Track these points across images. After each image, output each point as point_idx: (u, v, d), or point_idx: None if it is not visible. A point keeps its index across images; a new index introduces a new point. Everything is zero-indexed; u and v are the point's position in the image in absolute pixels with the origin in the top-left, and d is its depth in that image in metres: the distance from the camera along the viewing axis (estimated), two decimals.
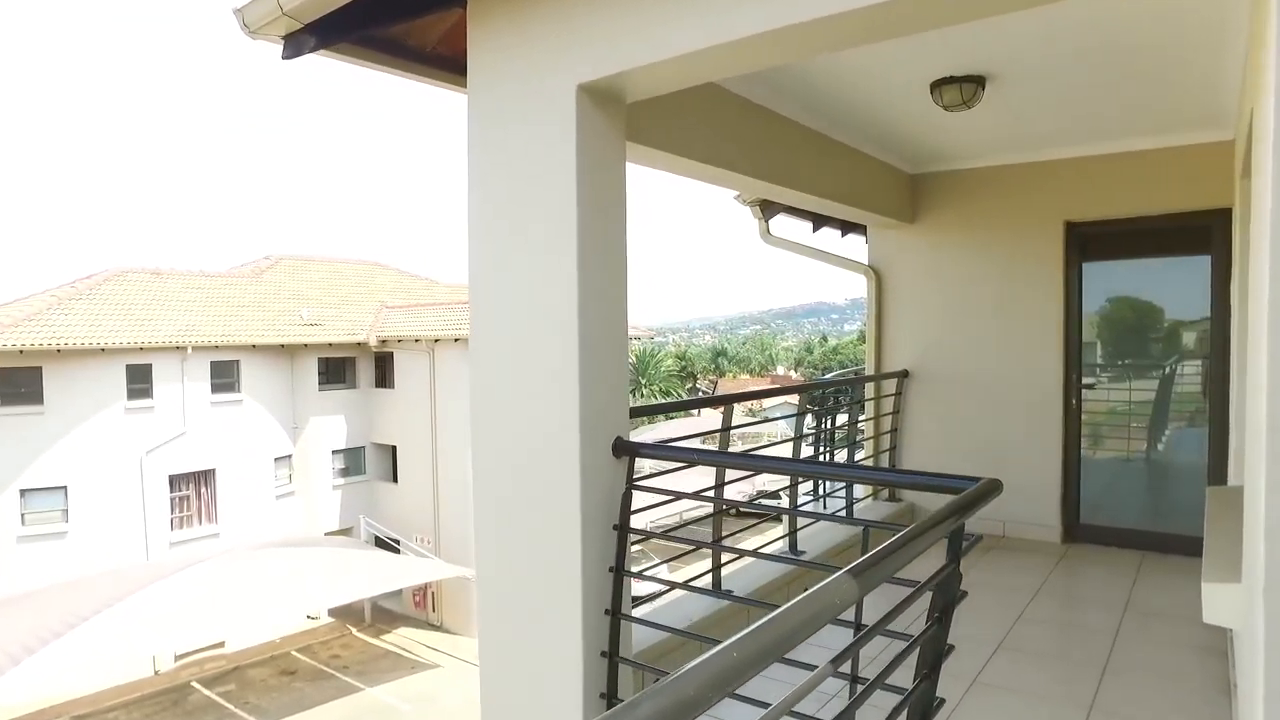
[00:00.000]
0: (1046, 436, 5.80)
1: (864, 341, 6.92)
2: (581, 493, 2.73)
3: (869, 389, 6.42)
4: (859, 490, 6.43)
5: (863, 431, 6.42)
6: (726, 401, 4.15)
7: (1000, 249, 5.97)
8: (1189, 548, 5.33)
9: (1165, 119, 4.92)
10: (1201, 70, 4.06)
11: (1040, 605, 4.45)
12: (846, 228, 8.26)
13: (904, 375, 6.35)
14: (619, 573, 2.85)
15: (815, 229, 7.79)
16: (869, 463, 6.42)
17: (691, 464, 3.05)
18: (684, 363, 61.82)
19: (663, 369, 55.80)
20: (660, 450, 2.88)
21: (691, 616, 3.94)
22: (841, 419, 6.26)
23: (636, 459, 2.91)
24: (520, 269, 2.88)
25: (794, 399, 6.62)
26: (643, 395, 53.39)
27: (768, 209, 6.87)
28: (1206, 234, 5.30)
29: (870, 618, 1.91)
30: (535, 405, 2.86)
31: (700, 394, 60.22)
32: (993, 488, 2.14)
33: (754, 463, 3.69)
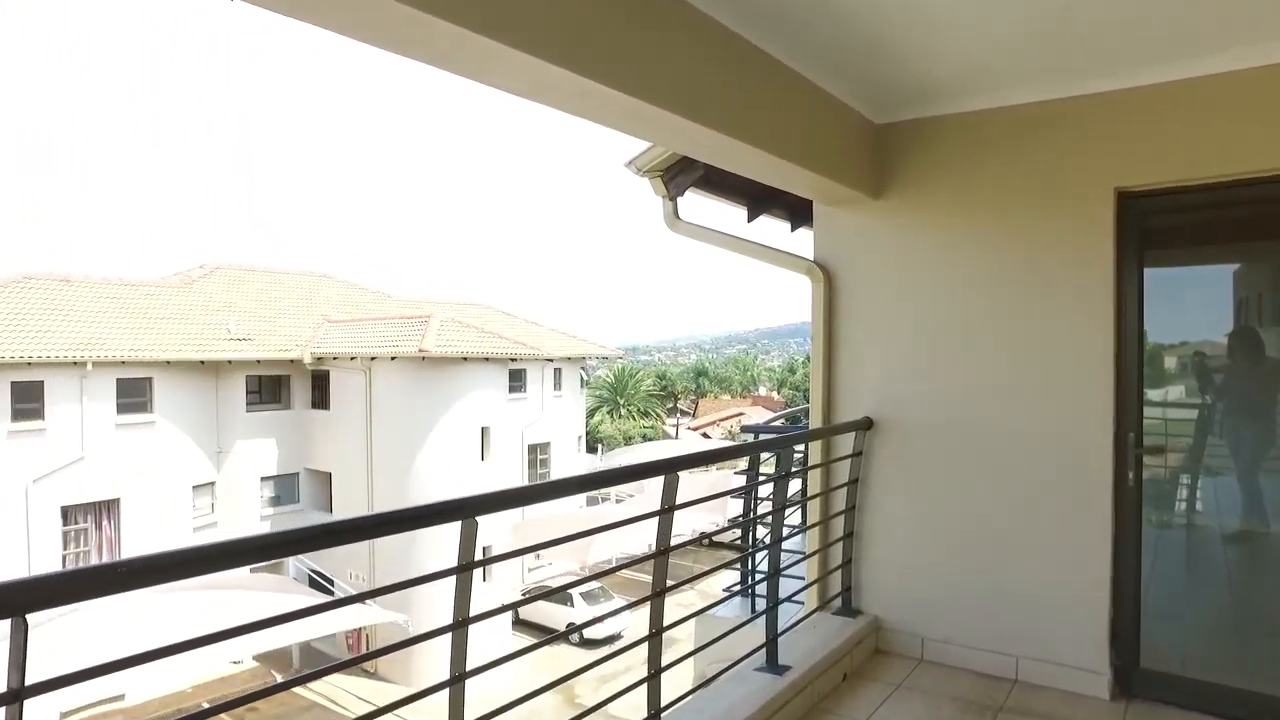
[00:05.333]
0: (1087, 528, 3.67)
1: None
2: None
3: (815, 449, 4.29)
4: (795, 586, 4.30)
5: (799, 520, 4.29)
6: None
7: (1012, 238, 3.86)
8: None
9: None
10: None
11: None
12: (797, 218, 6.18)
13: (865, 427, 4.21)
14: None
15: (752, 217, 5.72)
16: (814, 563, 4.26)
17: None
18: (664, 382, 59.63)
19: (642, 389, 53.59)
20: None
21: None
22: (772, 489, 4.12)
23: None
24: None
25: (778, 414, 4.57)
26: (621, 415, 51.19)
27: (673, 182, 4.77)
28: None
29: None
30: None
31: (679, 413, 57.99)
32: None
33: None
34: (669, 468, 2.62)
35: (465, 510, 1.98)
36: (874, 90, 3.82)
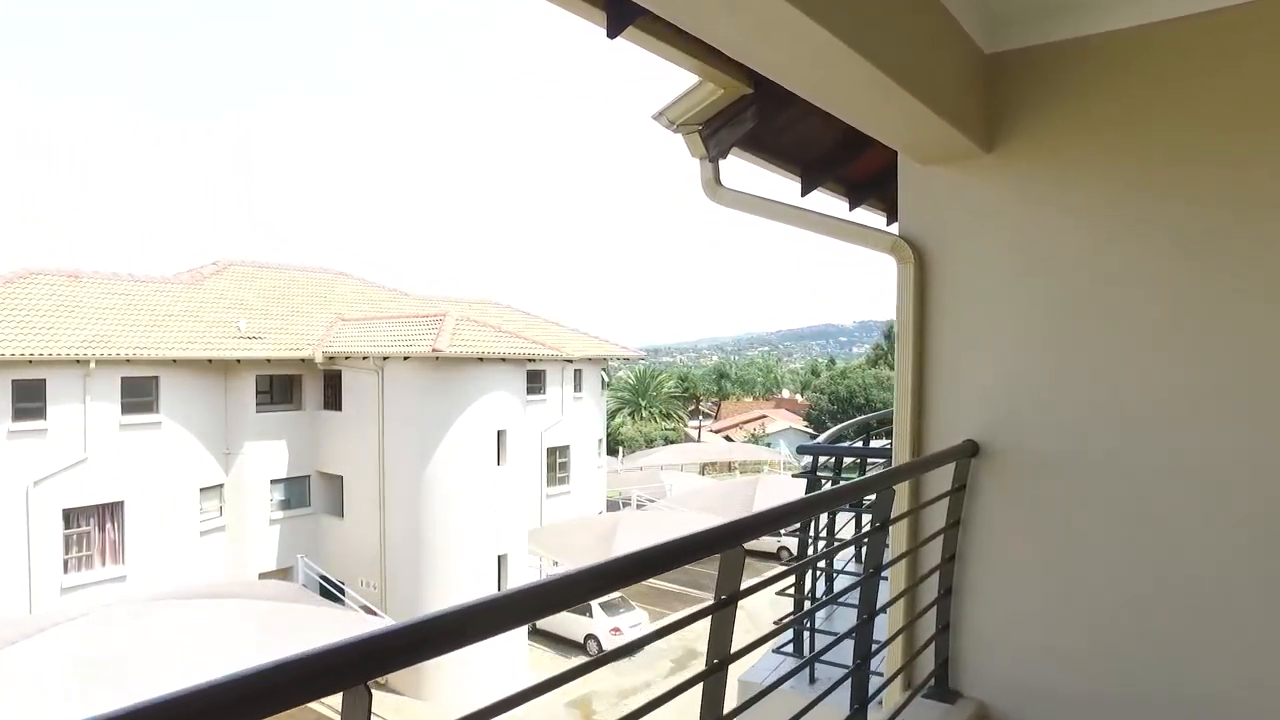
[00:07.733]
0: None
1: (884, 372, 3.69)
2: None
3: (902, 489, 3.24)
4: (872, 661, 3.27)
5: (885, 577, 3.24)
6: None
7: (1193, 197, 2.81)
8: None
9: None
10: None
11: None
12: (856, 194, 5.15)
13: (970, 454, 3.17)
14: None
15: (806, 190, 4.69)
16: (898, 650, 3.21)
17: None
18: (686, 384, 58.50)
19: (664, 390, 52.56)
20: None
21: None
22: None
23: None
24: None
25: (797, 421, 3.48)
26: (642, 418, 50.18)
27: (714, 138, 3.76)
28: None
29: None
30: None
31: (701, 415, 56.84)
32: None
33: None
34: (728, 540, 1.58)
35: (349, 674, 0.98)
36: (986, 3, 2.78)
